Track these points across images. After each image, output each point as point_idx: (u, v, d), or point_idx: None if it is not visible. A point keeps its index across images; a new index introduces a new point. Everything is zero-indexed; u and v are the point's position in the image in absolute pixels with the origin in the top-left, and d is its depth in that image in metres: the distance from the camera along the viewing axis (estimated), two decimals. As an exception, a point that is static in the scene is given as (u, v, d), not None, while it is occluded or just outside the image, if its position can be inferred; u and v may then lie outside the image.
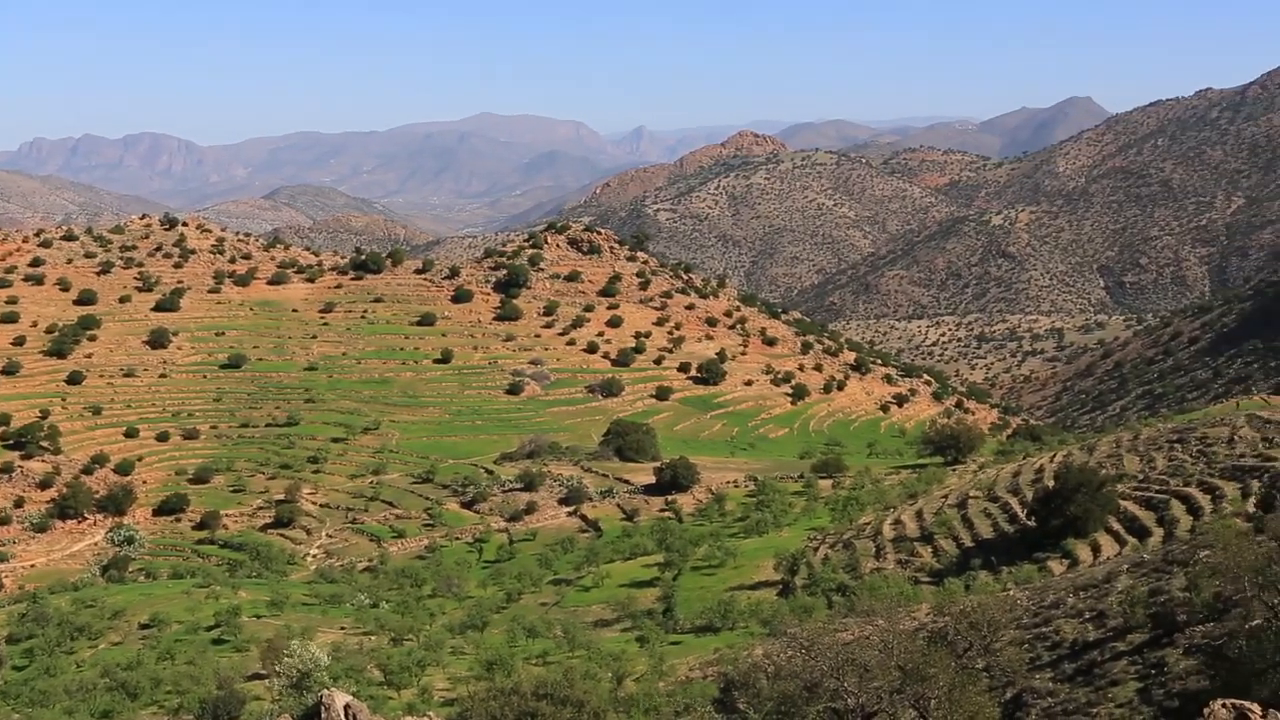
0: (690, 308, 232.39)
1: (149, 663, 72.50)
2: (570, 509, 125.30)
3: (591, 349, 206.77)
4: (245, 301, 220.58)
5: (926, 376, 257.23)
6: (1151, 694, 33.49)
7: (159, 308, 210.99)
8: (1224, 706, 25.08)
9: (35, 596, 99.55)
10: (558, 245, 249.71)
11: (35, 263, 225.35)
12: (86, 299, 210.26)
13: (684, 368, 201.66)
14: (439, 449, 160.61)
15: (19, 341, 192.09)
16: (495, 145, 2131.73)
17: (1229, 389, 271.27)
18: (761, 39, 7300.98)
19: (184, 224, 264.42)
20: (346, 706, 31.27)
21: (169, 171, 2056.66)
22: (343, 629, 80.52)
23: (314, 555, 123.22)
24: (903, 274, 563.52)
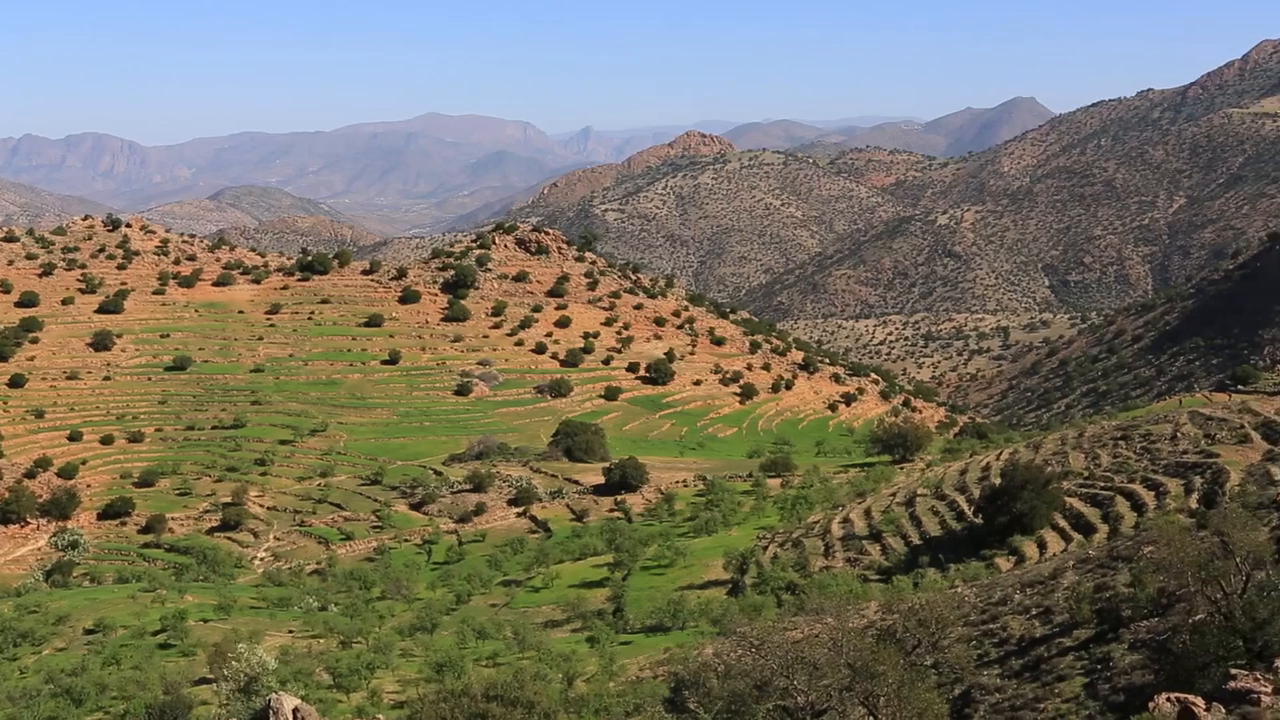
0: (639, 308, 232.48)
1: (94, 668, 71.67)
2: (520, 510, 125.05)
3: (540, 349, 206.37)
4: (190, 303, 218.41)
5: (874, 375, 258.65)
6: (1098, 689, 33.84)
7: (102, 310, 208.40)
8: (1169, 700, 25.34)
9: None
10: (506, 246, 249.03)
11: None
12: (28, 301, 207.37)
13: (633, 368, 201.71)
14: (387, 451, 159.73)
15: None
16: (442, 145, 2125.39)
17: (1172, 386, 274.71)
18: (709, 39, 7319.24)
19: (128, 225, 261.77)
20: (295, 710, 31.06)
21: (112, 172, 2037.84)
22: (291, 632, 79.94)
23: (261, 558, 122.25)
24: (850, 273, 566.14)
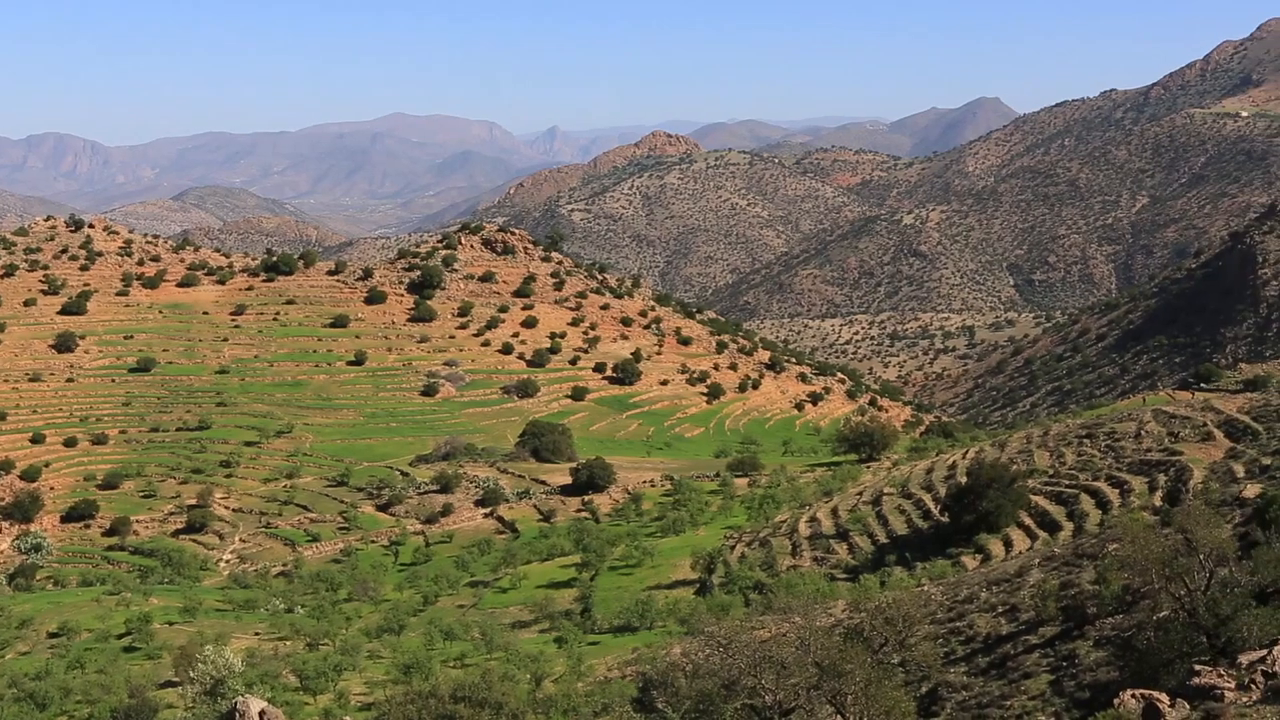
0: (605, 308, 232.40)
1: (58, 672, 71.24)
2: (487, 510, 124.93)
3: (506, 350, 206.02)
4: (154, 304, 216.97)
5: (840, 375, 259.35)
6: (1063, 685, 34.07)
7: (65, 311, 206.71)
8: (1133, 697, 25.51)
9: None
10: (472, 246, 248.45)
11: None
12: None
13: (599, 368, 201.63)
14: (353, 452, 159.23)
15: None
16: (408, 145, 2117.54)
17: (1136, 385, 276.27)
18: (675, 39, 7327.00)
19: (90, 226, 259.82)
20: (262, 713, 30.95)
21: (74, 173, 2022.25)
22: (257, 635, 79.69)
23: (227, 560, 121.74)
24: (816, 273, 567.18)
